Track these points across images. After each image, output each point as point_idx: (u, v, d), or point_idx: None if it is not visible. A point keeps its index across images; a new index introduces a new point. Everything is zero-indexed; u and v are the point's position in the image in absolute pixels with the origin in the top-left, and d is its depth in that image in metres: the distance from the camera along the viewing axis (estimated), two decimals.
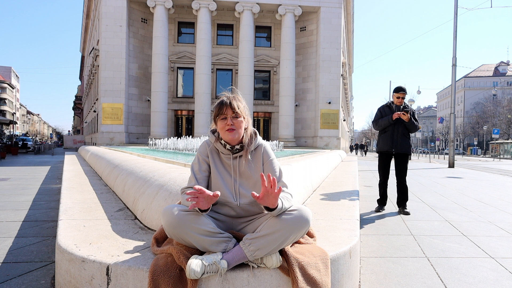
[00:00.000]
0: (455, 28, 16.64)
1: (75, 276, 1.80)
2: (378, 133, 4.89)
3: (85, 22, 40.68)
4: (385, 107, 4.77)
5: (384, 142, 4.69)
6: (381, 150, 4.76)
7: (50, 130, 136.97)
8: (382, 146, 4.72)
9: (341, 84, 23.39)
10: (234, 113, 1.88)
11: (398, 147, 4.59)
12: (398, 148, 4.60)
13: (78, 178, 5.57)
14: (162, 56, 21.03)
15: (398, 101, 4.64)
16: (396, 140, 4.59)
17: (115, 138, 20.69)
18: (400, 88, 4.62)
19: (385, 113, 4.71)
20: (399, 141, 4.58)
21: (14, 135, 47.67)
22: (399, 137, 4.59)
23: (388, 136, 4.65)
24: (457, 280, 2.35)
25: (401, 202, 4.64)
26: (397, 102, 4.65)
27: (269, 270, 1.69)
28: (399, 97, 4.61)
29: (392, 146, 4.61)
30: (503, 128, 52.68)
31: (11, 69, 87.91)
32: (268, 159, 1.99)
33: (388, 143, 4.63)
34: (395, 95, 4.64)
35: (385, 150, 4.69)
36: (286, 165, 4.15)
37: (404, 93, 4.62)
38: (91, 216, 2.79)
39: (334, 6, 21.99)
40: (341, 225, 2.65)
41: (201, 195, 1.64)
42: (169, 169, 3.42)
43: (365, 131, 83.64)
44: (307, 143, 22.91)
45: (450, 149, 16.34)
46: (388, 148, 4.64)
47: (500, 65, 75.38)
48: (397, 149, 4.60)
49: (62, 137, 79.03)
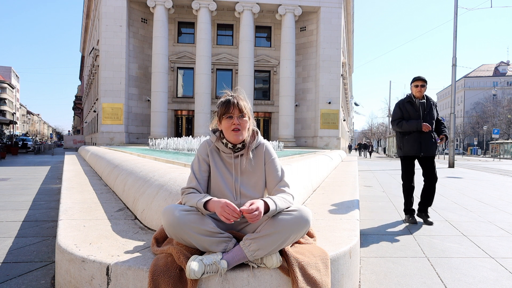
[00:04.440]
0: (455, 28, 16.63)
1: (75, 276, 1.80)
2: (399, 134, 4.20)
3: (85, 22, 40.68)
4: (405, 103, 4.10)
5: (410, 146, 4.04)
6: (407, 154, 4.10)
7: (50, 130, 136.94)
8: (408, 150, 4.06)
9: (341, 84, 23.40)
10: (241, 113, 1.87)
11: (427, 150, 4.01)
12: (427, 151, 4.01)
13: (78, 178, 5.57)
14: (162, 56, 21.03)
15: (418, 92, 4.00)
16: (425, 144, 3.99)
17: (115, 138, 20.69)
18: (419, 77, 4.02)
19: (405, 110, 4.06)
20: (428, 144, 3.99)
21: (14, 135, 47.66)
22: (428, 140, 4.00)
23: (415, 139, 4.00)
24: (457, 280, 2.35)
25: (425, 208, 4.08)
26: (417, 93, 4.02)
27: (269, 270, 1.69)
28: (418, 85, 3.99)
29: (420, 150, 3.99)
30: (503, 128, 52.66)
31: (11, 69, 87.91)
32: (270, 158, 1.99)
33: (415, 147, 4.00)
34: (413, 84, 4.03)
35: (412, 155, 4.06)
36: (286, 165, 4.14)
37: (424, 82, 4.00)
38: (91, 216, 2.79)
39: (334, 6, 21.99)
40: (341, 225, 2.65)
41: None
42: (169, 169, 3.42)
43: (365, 131, 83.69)
44: (307, 143, 22.91)
45: (450, 149, 16.34)
46: (416, 152, 4.01)
47: (500, 65, 75.39)
48: (426, 153, 4.02)
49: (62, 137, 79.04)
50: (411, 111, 4.03)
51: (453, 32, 16.69)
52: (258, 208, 1.65)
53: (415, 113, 4.01)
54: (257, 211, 1.63)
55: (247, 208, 1.63)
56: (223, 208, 1.63)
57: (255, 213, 1.62)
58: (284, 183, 1.95)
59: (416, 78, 4.04)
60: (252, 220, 1.64)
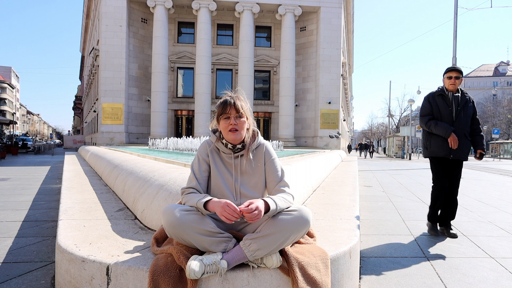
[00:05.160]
0: (455, 28, 16.64)
1: (75, 276, 1.80)
2: (426, 131, 3.68)
3: (85, 22, 40.68)
4: (435, 96, 3.58)
5: (438, 146, 3.52)
6: (435, 155, 3.58)
7: (50, 130, 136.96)
8: (437, 150, 3.54)
9: (341, 84, 23.41)
10: (238, 113, 1.88)
11: (458, 152, 3.47)
12: (458, 154, 3.47)
13: (78, 178, 5.57)
14: (162, 56, 21.03)
15: (451, 84, 3.49)
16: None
17: (115, 138, 20.69)
18: (453, 68, 3.54)
19: (435, 105, 3.55)
20: (460, 145, 3.45)
21: (14, 135, 47.65)
22: (461, 140, 3.45)
23: (444, 138, 3.48)
24: (457, 280, 2.35)
25: (446, 219, 3.59)
26: (450, 86, 3.51)
27: (269, 270, 1.69)
28: (451, 77, 3.48)
29: (450, 151, 3.47)
30: (503, 128, 52.66)
31: (11, 69, 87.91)
32: (270, 158, 1.99)
33: (445, 148, 3.47)
34: (446, 75, 3.53)
35: (441, 156, 3.54)
36: (286, 165, 4.14)
37: (459, 73, 3.48)
38: (91, 216, 2.79)
39: (334, 6, 22.00)
40: (341, 225, 2.65)
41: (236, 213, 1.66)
42: (169, 169, 3.42)
43: (365, 131, 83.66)
44: (307, 143, 22.92)
45: None
46: (445, 153, 3.49)
47: (500, 65, 75.42)
48: (456, 155, 3.47)
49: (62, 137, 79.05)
50: (442, 106, 3.53)
51: (453, 32, 16.69)
52: (258, 207, 1.65)
53: (447, 109, 3.50)
54: (256, 210, 1.63)
55: (247, 207, 1.63)
56: (224, 208, 1.63)
57: (255, 213, 1.62)
58: (284, 183, 1.95)
59: (450, 68, 3.55)
60: (251, 220, 1.64)
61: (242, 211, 1.63)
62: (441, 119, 3.52)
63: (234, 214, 1.62)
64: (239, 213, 1.63)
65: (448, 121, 3.48)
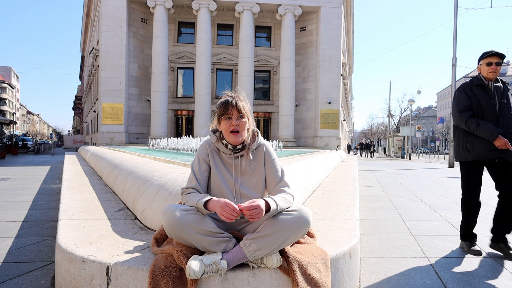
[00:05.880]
0: (455, 28, 16.64)
1: (75, 276, 1.80)
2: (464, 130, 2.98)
3: (85, 22, 40.69)
4: (473, 87, 2.96)
5: (483, 146, 2.83)
6: (480, 158, 2.88)
7: (50, 130, 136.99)
8: (482, 152, 2.85)
9: (341, 84, 23.41)
10: (239, 113, 1.88)
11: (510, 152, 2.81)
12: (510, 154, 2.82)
13: (78, 178, 5.57)
14: (162, 56, 21.04)
15: (491, 71, 2.89)
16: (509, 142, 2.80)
17: (115, 138, 20.70)
18: (493, 52, 2.90)
19: (474, 97, 2.91)
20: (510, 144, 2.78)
21: (14, 135, 47.64)
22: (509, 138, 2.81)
23: None
24: (457, 280, 2.35)
25: (504, 233, 2.93)
26: (489, 74, 2.90)
27: (269, 270, 1.69)
28: (491, 62, 2.88)
29: (502, 150, 2.79)
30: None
31: (11, 69, 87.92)
32: (270, 158, 1.99)
33: (493, 148, 2.80)
34: (485, 61, 2.91)
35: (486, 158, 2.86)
36: (286, 165, 4.14)
37: (500, 58, 2.88)
38: (91, 216, 2.79)
39: (334, 6, 22.00)
40: (341, 225, 2.65)
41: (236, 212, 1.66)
42: (169, 169, 3.42)
43: (365, 131, 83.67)
44: (307, 143, 22.92)
45: (450, 149, 16.35)
46: (497, 153, 2.80)
47: None
48: (509, 156, 2.81)
49: (62, 137, 79.05)
50: (482, 99, 2.89)
51: (453, 32, 16.70)
52: (259, 206, 1.65)
53: (489, 102, 2.88)
54: (257, 208, 1.63)
55: (247, 205, 1.63)
56: (223, 208, 1.64)
57: (256, 210, 1.62)
58: (284, 183, 1.95)
59: (490, 53, 2.90)
60: (252, 218, 1.63)
61: (243, 209, 1.63)
62: (482, 114, 2.88)
63: (234, 213, 1.62)
64: (238, 212, 1.63)
65: (491, 116, 2.85)
